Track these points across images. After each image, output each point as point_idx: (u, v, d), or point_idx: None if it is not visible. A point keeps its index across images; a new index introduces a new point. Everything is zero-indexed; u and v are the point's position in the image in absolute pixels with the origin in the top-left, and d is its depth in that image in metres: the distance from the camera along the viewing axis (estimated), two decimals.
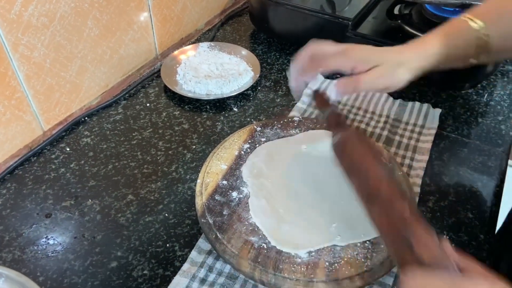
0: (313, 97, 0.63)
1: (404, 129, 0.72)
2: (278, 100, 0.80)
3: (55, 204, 0.62)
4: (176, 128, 0.74)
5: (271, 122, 0.70)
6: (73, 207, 0.61)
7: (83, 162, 0.68)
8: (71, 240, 0.57)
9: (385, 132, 0.71)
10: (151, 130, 0.74)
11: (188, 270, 0.53)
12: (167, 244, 0.57)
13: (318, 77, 0.55)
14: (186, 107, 0.79)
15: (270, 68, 0.88)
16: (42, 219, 0.60)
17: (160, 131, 0.73)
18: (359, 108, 0.76)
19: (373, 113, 0.75)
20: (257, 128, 0.69)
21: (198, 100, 0.79)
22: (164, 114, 0.77)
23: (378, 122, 0.74)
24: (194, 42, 0.95)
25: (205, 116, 0.77)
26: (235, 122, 0.75)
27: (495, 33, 0.56)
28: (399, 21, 0.86)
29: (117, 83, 0.83)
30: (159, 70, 0.85)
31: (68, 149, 0.70)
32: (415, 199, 0.61)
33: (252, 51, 0.89)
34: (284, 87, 0.83)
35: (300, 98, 0.57)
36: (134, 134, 0.73)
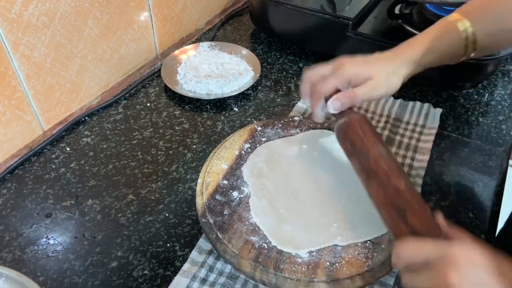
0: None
1: (405, 128, 0.72)
2: (279, 99, 0.80)
3: (56, 204, 0.62)
4: (177, 128, 0.74)
5: (272, 121, 0.70)
6: (73, 207, 0.61)
7: (83, 162, 0.68)
8: (72, 240, 0.57)
9: (386, 132, 0.71)
10: (151, 130, 0.74)
11: (188, 270, 0.53)
12: (168, 244, 0.57)
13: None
14: (187, 106, 0.78)
15: (271, 68, 0.88)
16: (42, 219, 0.60)
17: (161, 131, 0.73)
18: (359, 108, 0.76)
19: (373, 112, 0.75)
20: (257, 127, 0.69)
21: (198, 100, 0.79)
22: (164, 113, 0.77)
23: (379, 121, 0.74)
24: (195, 42, 0.95)
25: (205, 116, 0.77)
26: (236, 122, 0.75)
27: (481, 31, 0.57)
28: (400, 20, 0.86)
29: (117, 83, 0.83)
30: (159, 70, 0.84)
31: (68, 149, 0.70)
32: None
33: (253, 51, 0.89)
34: (284, 87, 0.83)
35: (323, 118, 0.62)
36: (134, 134, 0.73)
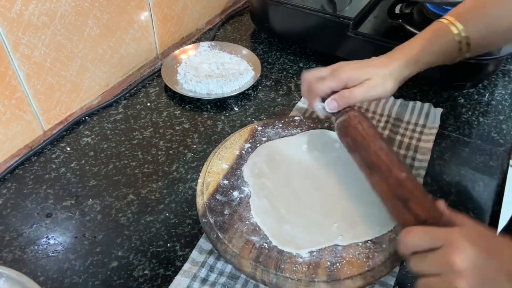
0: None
1: (406, 128, 0.72)
2: (279, 99, 0.80)
3: (56, 203, 0.62)
4: (177, 128, 0.74)
5: (272, 121, 0.70)
6: (73, 207, 0.61)
7: (83, 161, 0.68)
8: (72, 240, 0.57)
9: (386, 132, 0.71)
10: (151, 129, 0.73)
11: (189, 270, 0.53)
12: (168, 244, 0.57)
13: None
14: (187, 106, 0.78)
15: (271, 68, 0.88)
16: (42, 219, 0.59)
17: (161, 131, 0.73)
18: (360, 108, 0.76)
19: (374, 112, 0.75)
20: (258, 127, 0.69)
21: (198, 100, 0.79)
22: (164, 113, 0.77)
23: (380, 121, 0.73)
24: (195, 42, 0.95)
25: (205, 115, 0.77)
26: (236, 122, 0.75)
27: (474, 34, 0.59)
28: (400, 20, 0.86)
29: (117, 83, 0.83)
30: (159, 70, 0.84)
31: (68, 148, 0.70)
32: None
33: (253, 51, 0.89)
34: (285, 87, 0.83)
35: (324, 113, 0.63)
36: (134, 134, 0.73)
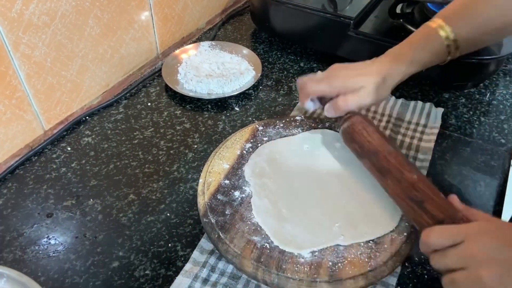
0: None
1: (407, 128, 0.72)
2: (280, 99, 0.80)
3: (56, 203, 0.61)
4: (178, 128, 0.74)
5: (273, 121, 0.70)
6: (74, 207, 0.61)
7: (84, 161, 0.68)
8: (73, 240, 0.57)
9: (387, 132, 0.71)
10: (152, 129, 0.73)
11: (190, 270, 0.53)
12: (169, 244, 0.57)
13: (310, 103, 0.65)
14: (188, 106, 0.78)
15: (272, 67, 0.88)
16: (43, 219, 0.59)
17: (162, 131, 0.73)
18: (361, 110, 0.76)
19: (375, 112, 0.75)
20: (259, 127, 0.69)
21: (199, 100, 0.79)
22: (165, 113, 0.77)
23: (381, 121, 0.73)
24: (195, 41, 0.95)
25: (206, 115, 0.76)
26: (237, 122, 0.75)
27: (463, 35, 0.61)
28: (401, 20, 0.86)
29: (118, 83, 0.83)
30: (160, 69, 0.84)
31: (69, 148, 0.70)
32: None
33: (254, 50, 0.89)
34: (285, 86, 0.83)
35: (312, 109, 0.65)
36: (135, 134, 0.72)
